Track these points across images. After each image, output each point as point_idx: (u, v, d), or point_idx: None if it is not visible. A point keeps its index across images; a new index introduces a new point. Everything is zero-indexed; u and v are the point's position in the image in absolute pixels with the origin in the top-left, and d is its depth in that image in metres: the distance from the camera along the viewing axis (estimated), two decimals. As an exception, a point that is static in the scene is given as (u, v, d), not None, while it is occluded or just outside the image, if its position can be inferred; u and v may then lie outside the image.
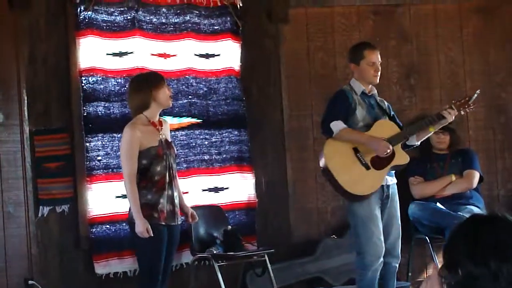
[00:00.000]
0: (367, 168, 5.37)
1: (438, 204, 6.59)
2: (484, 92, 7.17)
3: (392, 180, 5.49)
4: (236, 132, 6.68)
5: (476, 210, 6.57)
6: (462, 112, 5.70)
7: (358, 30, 7.03)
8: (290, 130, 6.80)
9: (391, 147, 5.35)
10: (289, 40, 6.88)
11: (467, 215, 6.21)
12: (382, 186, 5.41)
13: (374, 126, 5.45)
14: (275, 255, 6.23)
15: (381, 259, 5.31)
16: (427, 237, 6.56)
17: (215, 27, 6.66)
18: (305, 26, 6.96)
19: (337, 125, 5.37)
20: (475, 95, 5.73)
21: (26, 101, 6.06)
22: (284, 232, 6.75)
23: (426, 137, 5.72)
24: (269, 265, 6.16)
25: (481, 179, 6.85)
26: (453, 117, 5.54)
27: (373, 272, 5.27)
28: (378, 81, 5.55)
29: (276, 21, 6.83)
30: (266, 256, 6.15)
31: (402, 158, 5.47)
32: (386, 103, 5.69)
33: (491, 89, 7.24)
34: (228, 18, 6.69)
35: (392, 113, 5.68)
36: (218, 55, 6.67)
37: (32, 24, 6.14)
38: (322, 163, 5.47)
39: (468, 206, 6.60)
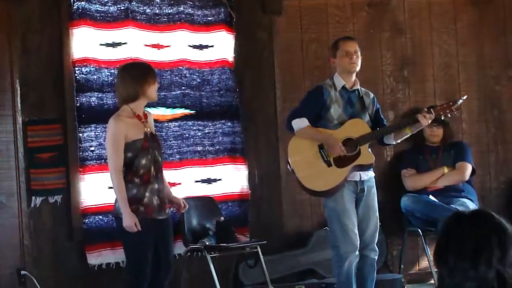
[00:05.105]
0: (329, 165, 5.36)
1: (431, 197, 6.59)
2: (478, 85, 7.20)
3: (367, 175, 5.44)
4: (229, 124, 6.68)
5: (468, 202, 6.58)
6: (443, 117, 5.59)
7: (352, 22, 7.02)
8: (283, 121, 6.76)
9: (343, 151, 5.31)
10: (283, 32, 6.87)
11: (460, 208, 6.28)
12: (356, 181, 5.38)
13: (346, 124, 5.41)
14: (268, 247, 6.23)
15: (357, 251, 5.32)
16: (419, 230, 6.55)
17: (209, 18, 6.65)
18: (299, 18, 6.94)
19: (298, 123, 5.41)
20: (461, 100, 5.60)
21: (19, 92, 6.05)
22: (276, 224, 6.75)
23: (404, 138, 5.60)
24: (261, 256, 6.16)
25: (473, 172, 6.85)
26: (429, 121, 5.41)
27: (349, 265, 5.29)
28: (356, 69, 5.46)
29: (270, 12, 6.81)
30: (258, 247, 6.15)
31: (366, 158, 5.40)
32: (371, 95, 5.60)
33: (485, 82, 7.23)
34: (222, 9, 6.68)
35: (378, 106, 5.61)
36: (212, 46, 6.66)
37: (25, 14, 6.12)
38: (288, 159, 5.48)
39: (460, 199, 6.61)
